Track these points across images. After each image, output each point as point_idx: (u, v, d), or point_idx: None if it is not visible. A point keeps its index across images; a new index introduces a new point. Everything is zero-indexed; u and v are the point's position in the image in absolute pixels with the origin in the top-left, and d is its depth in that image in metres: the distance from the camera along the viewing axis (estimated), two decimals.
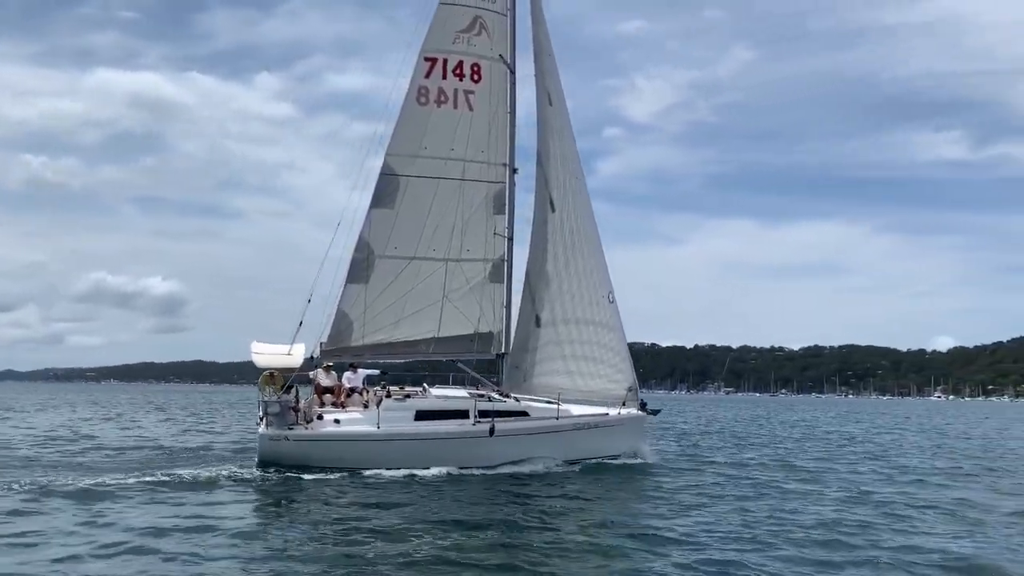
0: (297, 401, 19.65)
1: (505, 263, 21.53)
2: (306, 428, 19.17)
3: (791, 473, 20.52)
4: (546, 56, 21.67)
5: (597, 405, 21.26)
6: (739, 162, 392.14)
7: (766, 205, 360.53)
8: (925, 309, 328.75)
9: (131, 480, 16.30)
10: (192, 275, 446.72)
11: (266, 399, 19.26)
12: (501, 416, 19.58)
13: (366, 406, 20.43)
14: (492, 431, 19.23)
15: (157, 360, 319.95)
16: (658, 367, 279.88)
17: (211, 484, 16.36)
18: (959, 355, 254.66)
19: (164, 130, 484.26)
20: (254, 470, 18.31)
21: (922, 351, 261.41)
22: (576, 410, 20.91)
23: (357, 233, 20.67)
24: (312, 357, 20.85)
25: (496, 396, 20.75)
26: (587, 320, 21.44)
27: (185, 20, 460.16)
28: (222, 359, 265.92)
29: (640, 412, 21.95)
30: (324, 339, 21.00)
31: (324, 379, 20.79)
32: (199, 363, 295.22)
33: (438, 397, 20.47)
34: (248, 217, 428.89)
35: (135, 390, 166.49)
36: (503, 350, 21.54)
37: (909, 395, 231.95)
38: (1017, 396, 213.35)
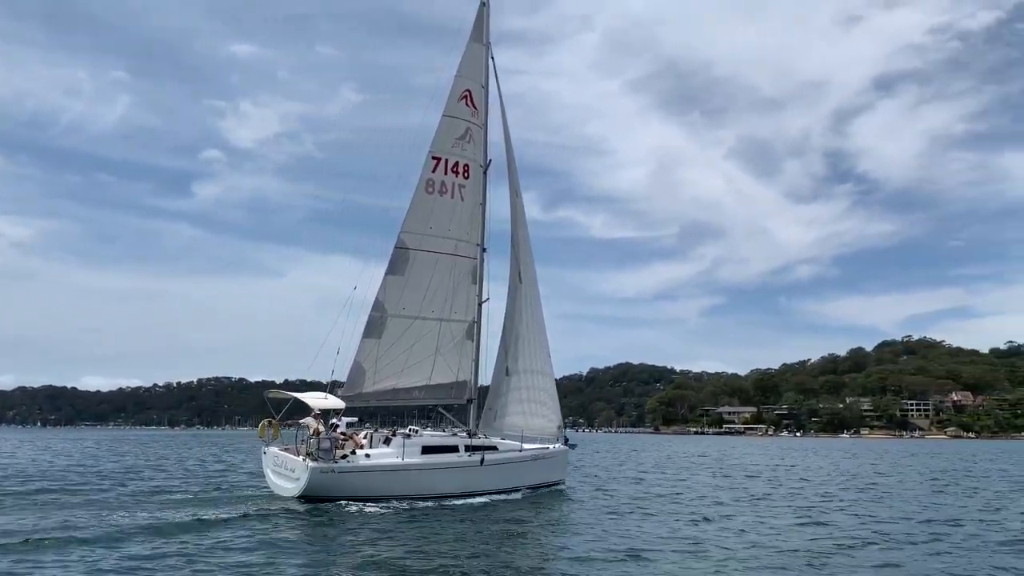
0: (337, 439, 22.78)
1: (476, 324, 26.70)
2: (348, 461, 22.40)
3: None
4: (513, 162, 27.64)
5: (538, 440, 27.17)
6: (341, 200, 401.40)
7: (364, 244, 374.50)
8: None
9: None
10: None
11: (321, 436, 22.17)
12: (480, 450, 24.39)
13: (360, 446, 24.14)
14: (483, 461, 24.27)
15: None
16: (246, 401, 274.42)
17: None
18: None
19: None
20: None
21: None
22: (526, 445, 26.51)
23: None
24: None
25: (463, 434, 25.61)
26: (537, 370, 27.43)
27: None
28: None
29: (565, 447, 28.35)
30: (339, 386, 24.33)
31: (318, 425, 23.95)
32: None
33: (432, 435, 24.92)
34: None
35: None
36: (473, 396, 26.59)
37: None
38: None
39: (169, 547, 14.33)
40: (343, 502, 21.16)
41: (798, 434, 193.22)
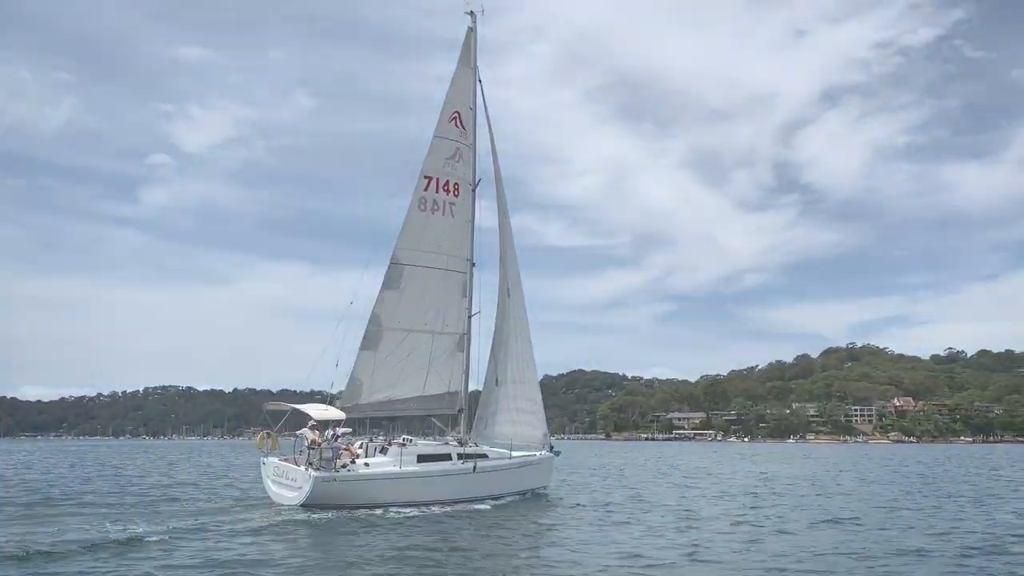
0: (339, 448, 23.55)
1: (465, 336, 27.69)
2: (349, 470, 23.18)
3: None
4: (501, 182, 28.73)
5: (525, 448, 28.20)
6: (293, 207, 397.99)
7: (317, 251, 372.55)
8: None
9: None
10: None
11: (323, 445, 22.92)
12: (471, 458, 25.28)
13: (357, 456, 24.93)
14: (475, 469, 25.23)
15: None
16: (194, 411, 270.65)
17: None
18: None
19: None
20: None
21: None
22: (515, 453, 27.52)
23: None
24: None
25: (454, 443, 26.55)
26: (524, 380, 28.51)
27: None
28: None
29: (550, 454, 29.46)
30: (338, 397, 25.14)
31: (315, 436, 24.70)
32: None
33: (426, 444, 25.83)
34: None
35: None
36: (463, 406, 27.57)
37: None
38: None
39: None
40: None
41: (746, 439, 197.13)
